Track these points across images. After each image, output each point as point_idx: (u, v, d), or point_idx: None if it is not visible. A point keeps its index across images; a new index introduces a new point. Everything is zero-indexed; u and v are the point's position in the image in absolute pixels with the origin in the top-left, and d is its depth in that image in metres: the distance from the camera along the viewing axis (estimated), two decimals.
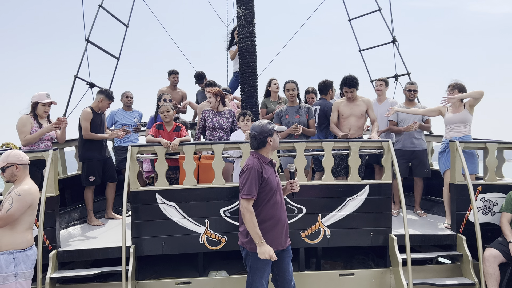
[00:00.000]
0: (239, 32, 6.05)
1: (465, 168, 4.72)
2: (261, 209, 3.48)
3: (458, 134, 5.24)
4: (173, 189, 4.58)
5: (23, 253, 3.54)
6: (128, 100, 6.66)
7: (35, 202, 3.68)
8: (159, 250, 4.50)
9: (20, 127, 4.85)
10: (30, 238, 3.65)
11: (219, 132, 5.50)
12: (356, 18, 9.01)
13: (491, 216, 4.91)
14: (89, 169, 5.54)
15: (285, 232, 3.62)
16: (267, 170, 3.52)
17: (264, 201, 3.48)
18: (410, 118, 5.85)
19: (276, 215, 3.51)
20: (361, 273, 4.74)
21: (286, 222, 3.66)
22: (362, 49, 8.97)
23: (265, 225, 3.47)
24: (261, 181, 3.45)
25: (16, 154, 3.74)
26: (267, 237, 3.44)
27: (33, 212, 3.68)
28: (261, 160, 3.52)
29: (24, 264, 3.54)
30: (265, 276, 3.52)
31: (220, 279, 4.62)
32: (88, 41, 7.15)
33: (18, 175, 3.69)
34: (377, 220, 4.69)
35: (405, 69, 7.91)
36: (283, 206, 3.62)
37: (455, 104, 5.33)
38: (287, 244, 3.64)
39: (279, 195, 3.59)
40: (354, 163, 4.74)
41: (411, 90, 5.93)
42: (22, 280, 3.52)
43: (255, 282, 3.49)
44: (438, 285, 4.50)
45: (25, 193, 3.56)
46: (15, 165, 3.67)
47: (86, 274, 4.35)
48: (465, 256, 4.64)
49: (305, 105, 5.89)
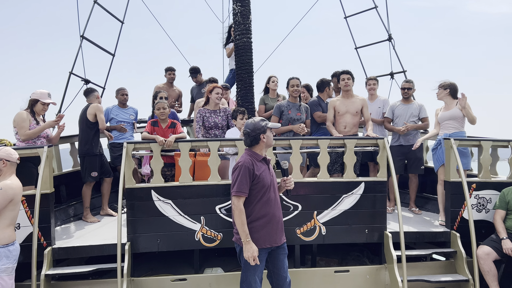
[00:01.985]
0: (235, 29, 6.04)
1: (460, 166, 4.75)
2: (253, 206, 3.48)
3: (449, 130, 5.31)
4: (169, 186, 4.57)
5: (5, 249, 3.58)
6: (124, 97, 6.63)
7: (17, 197, 3.70)
8: (154, 247, 4.50)
9: (19, 122, 4.85)
10: (12, 234, 3.68)
11: (215, 130, 5.49)
12: (352, 15, 9.03)
13: (485, 214, 4.95)
14: (91, 164, 5.58)
15: (280, 229, 3.61)
16: (259, 167, 3.51)
17: (257, 198, 3.48)
18: (406, 114, 5.88)
19: (269, 212, 3.51)
20: (356, 270, 4.76)
21: (281, 219, 3.65)
22: (358, 47, 8.98)
23: (258, 222, 3.48)
24: (252, 179, 3.45)
25: (7, 150, 3.84)
26: (261, 234, 3.45)
27: (15, 208, 3.70)
28: (254, 157, 3.53)
29: (7, 259, 3.58)
30: (258, 272, 3.52)
31: (215, 276, 4.63)
32: (83, 37, 7.11)
33: (4, 170, 3.77)
34: (372, 217, 4.71)
35: (401, 66, 7.94)
36: (278, 203, 3.62)
37: (448, 102, 5.41)
38: (282, 241, 3.63)
39: (273, 192, 3.58)
40: (349, 161, 4.76)
41: (405, 88, 5.95)
42: (4, 275, 3.56)
43: (248, 278, 3.50)
44: (432, 281, 4.53)
45: (6, 187, 3.61)
46: (2, 160, 3.75)
47: (81, 271, 4.33)
48: (459, 253, 4.67)
49: (304, 104, 5.93)
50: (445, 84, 5.42)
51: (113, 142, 6.56)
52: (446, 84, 5.42)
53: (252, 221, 3.45)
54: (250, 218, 3.46)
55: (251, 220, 3.46)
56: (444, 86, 5.42)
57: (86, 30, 7.13)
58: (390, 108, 6.04)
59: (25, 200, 4.30)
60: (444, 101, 5.47)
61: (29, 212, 4.32)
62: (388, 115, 6.02)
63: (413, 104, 5.95)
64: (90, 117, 5.55)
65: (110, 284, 4.38)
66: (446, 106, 5.45)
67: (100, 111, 5.59)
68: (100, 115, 5.58)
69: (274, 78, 6.70)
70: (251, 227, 3.44)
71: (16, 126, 4.88)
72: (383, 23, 8.13)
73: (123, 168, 4.43)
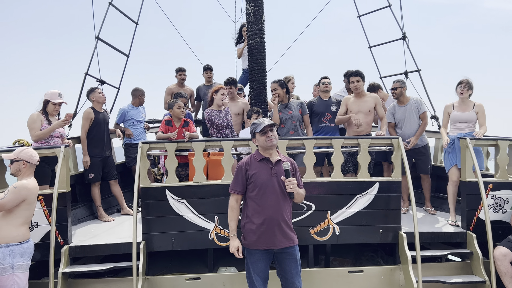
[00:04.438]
0: (248, 29, 6.04)
1: (476, 166, 4.68)
2: (247, 205, 3.59)
3: (464, 131, 5.24)
4: (183, 186, 4.60)
5: (20, 246, 3.65)
6: (143, 99, 6.77)
7: (31, 197, 3.76)
8: (169, 246, 4.54)
9: (30, 123, 4.95)
10: (26, 232, 3.75)
11: (225, 130, 5.54)
12: (366, 14, 8.95)
13: (502, 214, 4.87)
14: (90, 166, 5.70)
15: (280, 232, 3.48)
16: (255, 166, 3.53)
17: (250, 197, 3.53)
18: (409, 119, 5.68)
19: (263, 213, 3.44)
20: (370, 270, 4.73)
21: (283, 222, 3.49)
22: (371, 46, 8.90)
23: (250, 220, 3.51)
24: (246, 178, 3.54)
25: (29, 152, 3.90)
26: (256, 235, 3.47)
27: (29, 207, 3.78)
28: (254, 157, 3.61)
29: (21, 256, 3.66)
30: (258, 271, 3.51)
31: (229, 275, 4.65)
32: (98, 39, 7.19)
33: (23, 171, 3.85)
34: (387, 218, 4.68)
35: (415, 65, 7.84)
36: (279, 205, 3.48)
37: (464, 102, 5.33)
38: (284, 245, 3.50)
39: (273, 193, 3.47)
40: (363, 160, 4.73)
41: (392, 89, 5.73)
42: (19, 272, 3.63)
43: (250, 276, 3.55)
44: (448, 282, 4.48)
45: (21, 186, 3.69)
46: (23, 161, 3.84)
47: (97, 269, 4.40)
48: (476, 254, 4.61)
49: (297, 101, 5.96)
50: (470, 83, 5.31)
51: (128, 142, 6.64)
52: (470, 84, 5.31)
53: (247, 220, 3.54)
54: (246, 217, 3.56)
55: (246, 219, 3.56)
56: (469, 85, 5.31)
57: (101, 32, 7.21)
58: (389, 112, 5.84)
59: (43, 199, 4.39)
60: (463, 100, 5.37)
61: (47, 211, 4.41)
62: (389, 120, 5.81)
63: (409, 103, 5.70)
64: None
65: (126, 282, 4.44)
66: (463, 106, 5.35)
67: (83, 118, 5.67)
68: (83, 121, 5.68)
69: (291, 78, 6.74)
70: (247, 226, 3.54)
71: (28, 127, 4.97)
72: (397, 21, 8.04)
73: (138, 167, 4.48)
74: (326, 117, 5.95)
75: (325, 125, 5.95)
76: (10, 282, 3.57)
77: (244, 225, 3.59)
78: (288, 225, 3.55)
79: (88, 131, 5.69)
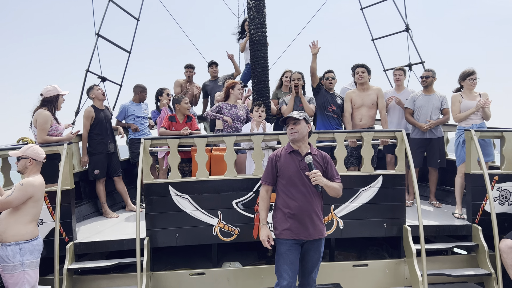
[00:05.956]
0: (250, 23, 6.01)
1: (481, 158, 4.64)
2: (278, 196, 3.68)
3: (476, 121, 5.25)
4: (186, 182, 4.60)
5: (29, 244, 3.66)
6: (144, 95, 6.75)
7: (37, 194, 3.76)
8: (173, 242, 4.55)
9: (42, 123, 4.76)
10: (34, 229, 3.76)
11: (237, 124, 5.60)
12: (369, 6, 8.87)
13: (508, 206, 4.83)
14: (94, 163, 5.72)
15: (311, 224, 3.54)
16: (284, 158, 3.61)
17: (281, 189, 3.62)
18: (428, 106, 5.71)
19: (293, 204, 3.52)
20: (375, 264, 4.72)
21: (314, 213, 3.56)
22: (374, 38, 8.84)
23: (280, 212, 3.60)
24: (276, 169, 3.64)
25: (35, 149, 3.89)
26: (287, 225, 3.52)
27: (37, 205, 3.77)
28: (285, 149, 3.68)
29: (31, 254, 3.67)
30: (288, 262, 3.53)
31: (233, 270, 4.66)
32: (99, 35, 7.16)
33: (30, 168, 3.83)
34: (391, 211, 4.65)
35: (419, 57, 7.77)
36: (308, 197, 3.54)
37: (472, 92, 5.35)
38: (314, 237, 3.56)
39: (302, 185, 3.54)
40: (367, 154, 4.70)
41: (423, 77, 5.80)
42: (29, 269, 3.64)
43: (279, 267, 3.58)
44: (453, 275, 4.46)
45: (27, 184, 3.68)
46: (29, 159, 3.82)
47: (102, 265, 4.42)
48: (481, 246, 4.58)
49: (308, 95, 5.94)
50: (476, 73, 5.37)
51: (133, 138, 6.64)
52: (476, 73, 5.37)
53: (279, 211, 3.62)
54: (278, 208, 3.64)
55: (278, 209, 3.63)
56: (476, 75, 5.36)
57: (102, 28, 7.19)
58: (411, 99, 5.86)
59: (47, 196, 4.40)
60: (471, 91, 5.41)
61: (51, 208, 4.43)
62: (409, 106, 5.84)
63: (434, 94, 5.78)
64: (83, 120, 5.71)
65: (131, 278, 4.46)
66: (470, 96, 5.35)
67: (84, 117, 5.68)
68: (84, 120, 5.68)
69: (288, 73, 6.66)
70: (278, 217, 3.61)
71: (37, 126, 4.78)
72: (400, 13, 7.97)
73: (140, 164, 4.48)
74: (331, 107, 5.90)
75: (330, 115, 5.89)
76: (21, 280, 3.59)
77: (275, 215, 3.67)
78: (318, 217, 3.61)
79: (90, 129, 5.68)
